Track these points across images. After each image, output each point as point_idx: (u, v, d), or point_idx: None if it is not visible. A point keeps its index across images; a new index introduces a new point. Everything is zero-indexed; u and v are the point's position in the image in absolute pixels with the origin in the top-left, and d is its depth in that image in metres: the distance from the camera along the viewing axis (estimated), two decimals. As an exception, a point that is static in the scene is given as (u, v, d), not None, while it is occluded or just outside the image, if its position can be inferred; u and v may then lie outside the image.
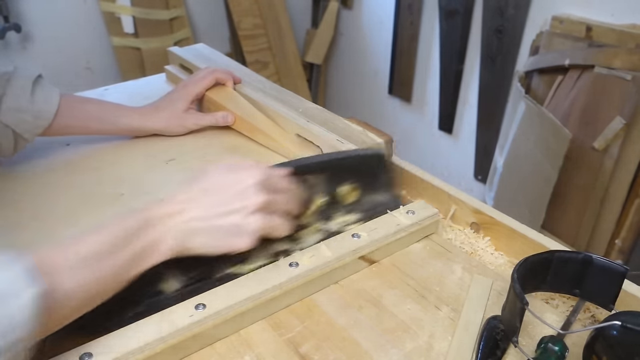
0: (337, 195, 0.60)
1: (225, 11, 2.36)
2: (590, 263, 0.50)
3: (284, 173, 0.55)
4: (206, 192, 0.50)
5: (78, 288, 0.42)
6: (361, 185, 0.62)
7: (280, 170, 0.55)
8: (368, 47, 2.37)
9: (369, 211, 0.62)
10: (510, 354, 0.48)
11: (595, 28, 1.40)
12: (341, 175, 0.60)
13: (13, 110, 0.68)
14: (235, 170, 0.52)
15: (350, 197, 0.61)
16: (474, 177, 2.00)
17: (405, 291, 0.55)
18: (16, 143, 0.70)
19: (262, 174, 0.51)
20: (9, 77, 0.68)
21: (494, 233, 0.64)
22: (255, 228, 0.50)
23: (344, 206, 0.61)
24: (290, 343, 0.49)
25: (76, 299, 0.42)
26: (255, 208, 0.50)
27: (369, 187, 0.62)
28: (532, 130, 1.43)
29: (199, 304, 0.49)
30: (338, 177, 0.60)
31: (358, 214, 0.61)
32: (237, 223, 0.49)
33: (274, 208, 0.52)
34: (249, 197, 0.50)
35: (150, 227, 0.47)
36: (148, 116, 0.79)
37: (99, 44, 2.09)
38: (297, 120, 0.76)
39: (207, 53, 1.01)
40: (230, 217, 0.49)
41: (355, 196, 0.62)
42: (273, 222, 0.51)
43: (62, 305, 0.41)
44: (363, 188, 0.62)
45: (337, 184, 0.60)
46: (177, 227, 0.48)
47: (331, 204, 0.60)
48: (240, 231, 0.49)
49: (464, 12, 1.80)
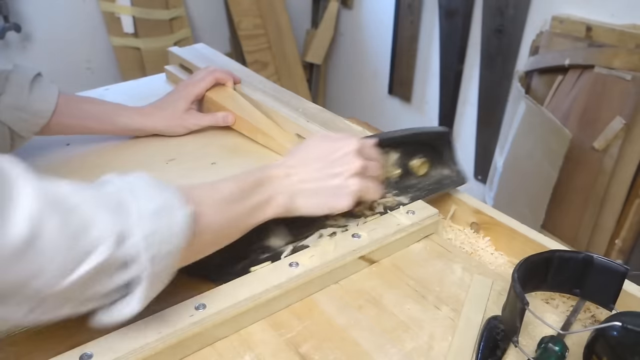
0: (409, 167, 0.67)
1: (225, 11, 2.36)
2: (590, 263, 0.50)
3: (374, 143, 0.61)
4: (310, 159, 0.56)
5: (214, 222, 0.47)
6: (430, 159, 0.68)
7: (370, 140, 0.61)
8: (368, 47, 2.37)
9: (437, 183, 0.67)
10: (511, 354, 0.48)
11: (595, 28, 1.40)
12: (414, 149, 0.67)
13: (10, 108, 0.68)
14: (333, 140, 0.58)
15: (421, 169, 0.67)
16: (474, 177, 2.00)
17: (405, 291, 0.55)
18: (13, 141, 0.70)
19: (357, 142, 0.57)
20: (7, 75, 0.68)
21: (494, 233, 0.64)
22: (355, 189, 0.55)
23: (417, 177, 0.67)
24: (290, 343, 0.49)
25: (212, 232, 0.47)
26: (354, 172, 0.55)
27: (437, 162, 0.69)
28: (532, 130, 1.43)
29: (199, 304, 0.49)
30: (411, 150, 0.66)
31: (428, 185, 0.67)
32: (339, 184, 0.55)
33: (369, 173, 0.57)
34: (348, 162, 0.55)
35: (267, 184, 0.53)
36: (148, 116, 0.79)
37: (99, 44, 2.09)
38: (297, 120, 0.76)
39: (207, 53, 1.01)
40: (333, 180, 0.55)
41: (425, 169, 0.68)
42: (369, 185, 0.57)
43: (203, 233, 0.46)
44: (432, 162, 0.68)
45: (410, 157, 0.67)
46: (286, 187, 0.54)
47: (404, 175, 0.66)
48: (342, 192, 0.55)
49: (464, 12, 1.80)
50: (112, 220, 0.39)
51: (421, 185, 0.67)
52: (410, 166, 0.67)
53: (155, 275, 0.41)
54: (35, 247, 0.35)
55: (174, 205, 0.42)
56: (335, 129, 0.75)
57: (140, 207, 0.40)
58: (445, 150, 0.69)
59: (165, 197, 0.42)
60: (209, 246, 0.49)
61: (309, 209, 0.55)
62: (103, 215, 0.39)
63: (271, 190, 0.53)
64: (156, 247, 0.40)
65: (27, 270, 0.35)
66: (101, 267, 0.38)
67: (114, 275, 0.40)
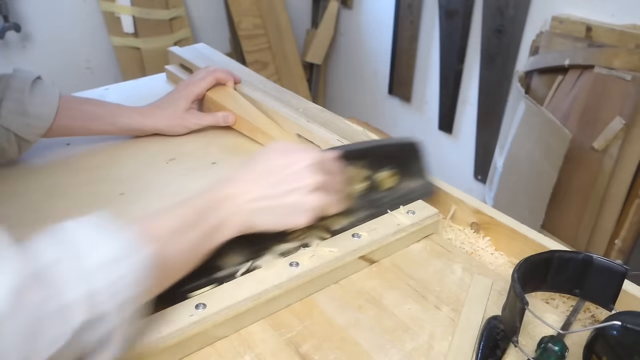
0: (376, 180, 0.64)
1: (225, 11, 2.36)
2: (590, 263, 0.50)
3: (335, 156, 0.58)
4: (265, 174, 0.53)
5: (174, 254, 0.46)
6: (399, 172, 0.65)
7: (331, 153, 0.59)
8: (368, 47, 2.37)
9: (405, 196, 0.65)
10: (510, 354, 0.48)
11: (595, 28, 1.40)
12: (381, 161, 0.64)
13: (13, 114, 0.68)
14: (290, 152, 0.55)
15: (389, 182, 0.64)
16: (474, 177, 2.00)
17: (405, 291, 0.55)
18: (19, 146, 0.70)
19: (316, 156, 0.55)
20: (7, 80, 0.68)
21: (494, 233, 0.64)
22: (314, 206, 0.53)
23: (382, 191, 0.64)
24: (290, 343, 0.49)
25: (172, 264, 0.46)
26: (313, 187, 0.53)
27: (405, 174, 0.66)
28: (532, 130, 1.43)
29: (199, 303, 0.49)
30: (378, 162, 0.64)
31: (394, 199, 0.64)
32: (297, 201, 0.53)
33: (328, 188, 0.55)
34: (307, 177, 0.53)
35: (220, 206, 0.51)
36: (149, 116, 0.79)
37: (99, 44, 2.09)
38: (297, 120, 0.76)
39: (207, 53, 1.01)
40: (291, 196, 0.52)
41: (393, 182, 0.65)
42: (329, 200, 0.55)
43: (164, 268, 0.45)
44: (401, 174, 0.65)
45: (377, 169, 0.64)
46: (241, 207, 0.51)
47: (371, 189, 0.63)
48: (300, 209, 0.53)
49: (464, 12, 1.80)
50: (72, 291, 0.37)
51: (387, 199, 0.64)
52: (377, 179, 0.64)
53: (126, 321, 0.41)
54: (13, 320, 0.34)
55: (132, 251, 0.41)
56: (335, 129, 0.75)
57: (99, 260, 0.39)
58: (415, 162, 0.67)
59: (122, 244, 0.41)
60: (171, 278, 0.47)
61: (267, 226, 0.53)
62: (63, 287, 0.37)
63: (225, 212, 0.51)
64: (121, 297, 0.39)
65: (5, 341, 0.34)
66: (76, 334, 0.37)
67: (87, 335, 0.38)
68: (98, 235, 0.41)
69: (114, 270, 0.39)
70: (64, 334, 0.36)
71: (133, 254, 0.41)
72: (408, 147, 0.67)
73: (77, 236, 0.40)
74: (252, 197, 0.52)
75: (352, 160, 0.61)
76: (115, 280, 0.39)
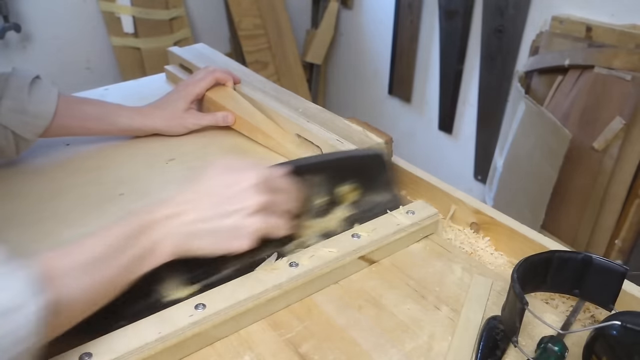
0: (336, 195, 0.60)
1: (225, 11, 2.36)
2: (590, 263, 0.50)
3: (284, 173, 0.55)
4: (205, 194, 0.50)
5: (81, 293, 0.42)
6: (361, 185, 0.62)
7: (279, 170, 0.55)
8: (368, 47, 2.37)
9: (368, 211, 0.62)
10: (510, 354, 0.48)
11: (595, 28, 1.40)
12: (341, 175, 0.60)
13: (11, 112, 0.68)
14: (233, 171, 0.51)
15: (350, 197, 0.61)
16: (474, 177, 2.00)
17: (405, 291, 0.55)
18: (18, 144, 0.70)
19: (260, 174, 0.51)
20: (6, 79, 0.68)
21: (493, 233, 0.64)
22: (255, 229, 0.50)
23: (344, 206, 0.61)
24: (290, 343, 0.49)
25: (79, 304, 0.42)
26: (254, 209, 0.50)
27: (368, 187, 0.62)
28: (532, 130, 1.43)
29: (199, 304, 0.49)
30: (338, 176, 0.60)
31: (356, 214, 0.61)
32: (236, 225, 0.49)
33: (274, 208, 0.52)
34: (248, 198, 0.50)
35: (149, 230, 0.47)
36: (148, 116, 0.79)
37: (99, 44, 2.09)
38: (297, 120, 0.76)
39: (207, 53, 1.01)
40: (230, 219, 0.49)
41: (355, 196, 0.62)
42: (273, 223, 0.52)
43: (67, 311, 0.41)
44: (363, 188, 0.62)
45: (336, 183, 0.60)
46: (176, 229, 0.48)
47: (331, 204, 0.60)
48: (240, 233, 0.50)
49: (464, 12, 1.80)
50: None
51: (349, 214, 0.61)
52: (336, 193, 0.60)
53: None
54: None
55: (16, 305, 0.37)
56: (335, 129, 0.75)
57: None
58: (378, 176, 0.63)
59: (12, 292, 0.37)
60: (80, 316, 0.43)
61: (203, 250, 0.49)
62: None
63: (156, 235, 0.47)
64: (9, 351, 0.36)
65: None
66: None
67: None
68: None
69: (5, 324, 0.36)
70: None
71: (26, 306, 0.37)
72: (371, 159, 0.64)
73: None
74: (190, 220, 0.48)
75: (307, 176, 0.58)
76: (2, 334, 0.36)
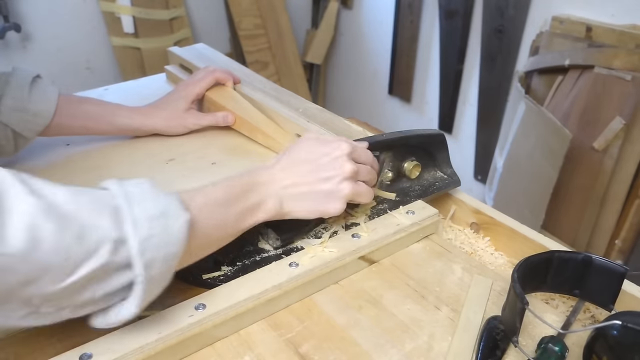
0: (403, 171, 0.67)
1: (225, 11, 2.36)
2: (590, 263, 0.50)
3: (366, 146, 0.60)
4: (301, 161, 0.55)
5: (208, 227, 0.48)
6: (423, 162, 0.68)
7: (362, 143, 0.61)
8: (368, 47, 2.37)
9: (431, 186, 0.68)
10: (510, 354, 0.48)
11: (595, 28, 1.40)
12: (406, 152, 0.66)
13: (11, 110, 0.68)
14: (325, 142, 0.57)
15: (414, 172, 0.67)
16: (474, 177, 2.00)
17: (405, 291, 0.55)
18: (16, 142, 0.70)
19: (348, 146, 0.56)
20: (7, 78, 0.68)
21: (493, 233, 0.64)
22: (346, 193, 0.55)
23: (409, 180, 0.67)
24: (290, 343, 0.49)
25: (205, 237, 0.48)
26: (346, 176, 0.55)
27: (430, 164, 0.69)
28: (532, 130, 1.43)
29: (199, 304, 0.49)
30: (404, 153, 0.66)
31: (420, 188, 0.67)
32: (331, 189, 0.54)
33: (360, 177, 0.57)
34: (339, 166, 0.55)
35: (256, 190, 0.52)
36: (148, 116, 0.79)
37: (99, 44, 2.09)
38: (297, 120, 0.76)
39: (207, 53, 1.01)
40: (326, 184, 0.54)
41: (418, 172, 0.67)
42: (360, 189, 0.56)
43: (198, 238, 0.46)
44: (425, 165, 0.68)
45: (403, 160, 0.66)
46: (276, 192, 0.54)
47: (397, 179, 0.67)
48: (335, 196, 0.55)
49: (464, 12, 1.81)
50: (108, 226, 0.39)
51: (413, 188, 0.67)
52: (402, 169, 0.67)
53: (152, 279, 0.41)
54: (32, 256, 0.35)
55: (171, 212, 0.43)
56: (335, 129, 0.75)
57: (135, 214, 0.40)
58: (439, 153, 0.69)
59: (163, 203, 0.43)
60: (202, 250, 0.49)
61: (300, 212, 0.55)
62: (98, 221, 0.39)
63: (261, 194, 0.53)
64: (152, 252, 0.40)
65: (23, 278, 0.36)
66: (96, 273, 0.38)
67: (110, 280, 0.40)
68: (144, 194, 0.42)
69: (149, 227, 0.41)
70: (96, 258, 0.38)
71: (173, 217, 0.42)
72: (432, 138, 0.68)
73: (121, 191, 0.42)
74: (288, 184, 0.54)
75: (379, 151, 0.63)
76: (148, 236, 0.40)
